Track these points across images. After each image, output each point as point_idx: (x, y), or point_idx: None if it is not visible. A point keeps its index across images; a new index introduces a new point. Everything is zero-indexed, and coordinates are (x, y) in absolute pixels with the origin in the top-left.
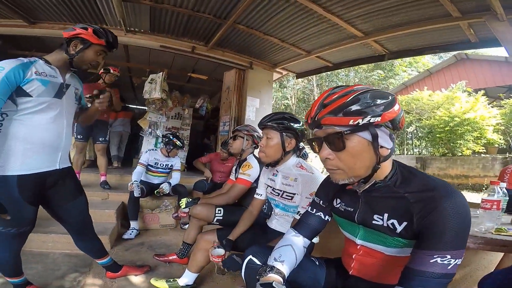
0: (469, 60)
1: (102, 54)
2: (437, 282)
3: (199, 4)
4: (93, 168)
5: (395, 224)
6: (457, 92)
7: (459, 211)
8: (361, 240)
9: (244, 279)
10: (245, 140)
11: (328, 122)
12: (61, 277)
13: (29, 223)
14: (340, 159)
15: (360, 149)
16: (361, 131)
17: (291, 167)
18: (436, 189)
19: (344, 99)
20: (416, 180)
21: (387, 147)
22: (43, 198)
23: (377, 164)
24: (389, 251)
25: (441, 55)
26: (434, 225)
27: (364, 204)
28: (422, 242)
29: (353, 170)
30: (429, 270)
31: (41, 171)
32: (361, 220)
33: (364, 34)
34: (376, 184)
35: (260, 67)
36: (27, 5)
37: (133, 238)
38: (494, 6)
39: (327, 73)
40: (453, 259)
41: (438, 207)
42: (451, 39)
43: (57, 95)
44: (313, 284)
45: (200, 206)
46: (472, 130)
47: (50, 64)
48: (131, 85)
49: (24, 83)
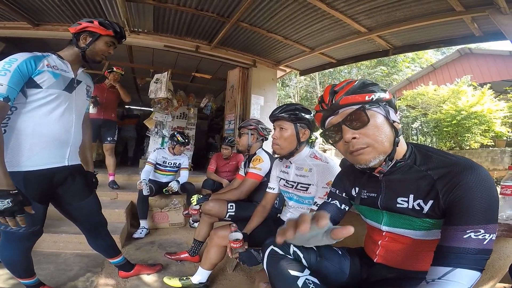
0: (473, 54)
1: (112, 45)
2: (475, 259)
3: (203, 2)
4: (101, 168)
5: (421, 204)
6: (462, 86)
7: (483, 183)
8: (387, 226)
9: (266, 270)
10: (250, 135)
11: (346, 101)
12: (73, 278)
13: (39, 222)
14: (365, 135)
15: (380, 122)
16: (375, 107)
17: (305, 157)
18: (458, 164)
19: (351, 84)
20: (435, 157)
21: (398, 122)
22: (53, 196)
23: (396, 137)
24: (417, 234)
25: (444, 50)
26: (461, 199)
27: (386, 188)
28: (451, 218)
29: (381, 143)
30: (464, 246)
31: (48, 167)
32: (385, 205)
33: (368, 29)
34: (398, 163)
35: (263, 65)
36: (32, 7)
37: (143, 237)
38: (497, 0)
39: (330, 71)
40: (488, 234)
41: (462, 181)
42: (455, 34)
43: (67, 89)
44: (338, 274)
45: (212, 202)
46: (479, 123)
47: (63, 58)
48: (135, 86)
49: (36, 74)
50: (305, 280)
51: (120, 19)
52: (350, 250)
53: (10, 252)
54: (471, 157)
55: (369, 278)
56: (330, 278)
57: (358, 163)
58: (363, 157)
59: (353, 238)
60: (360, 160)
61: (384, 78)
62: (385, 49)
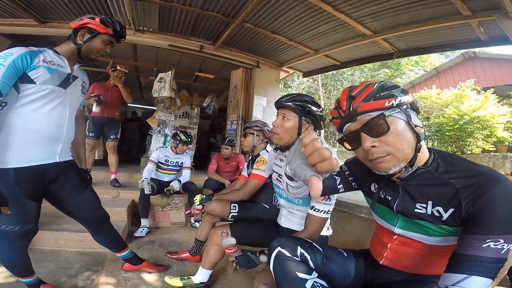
0: (477, 58)
1: (109, 44)
2: (491, 267)
3: (208, 2)
4: (102, 166)
5: (440, 211)
6: (465, 90)
7: (509, 195)
8: (400, 229)
9: (272, 271)
10: (256, 136)
11: (364, 108)
12: (74, 276)
13: (33, 219)
14: (386, 143)
15: (402, 128)
16: (396, 112)
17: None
18: (484, 174)
19: (369, 88)
20: (459, 165)
21: (420, 126)
22: (47, 193)
23: (418, 143)
24: (431, 240)
25: (448, 54)
26: (485, 209)
27: (404, 193)
28: (472, 227)
29: (402, 151)
30: (482, 255)
31: (39, 164)
32: (401, 209)
33: (373, 32)
34: (418, 170)
35: (267, 66)
36: (39, 4)
37: (144, 236)
38: (504, 5)
39: (332, 73)
40: (506, 244)
41: (488, 192)
42: (460, 38)
43: (62, 84)
44: (343, 276)
45: (215, 202)
46: (482, 128)
47: (59, 54)
48: (138, 85)
49: (30, 70)
50: (313, 283)
51: (126, 17)
52: (355, 252)
53: (6, 251)
54: None
55: (373, 280)
56: (336, 280)
57: (378, 170)
58: (383, 165)
59: (355, 241)
60: (380, 168)
61: (386, 81)
62: (390, 52)
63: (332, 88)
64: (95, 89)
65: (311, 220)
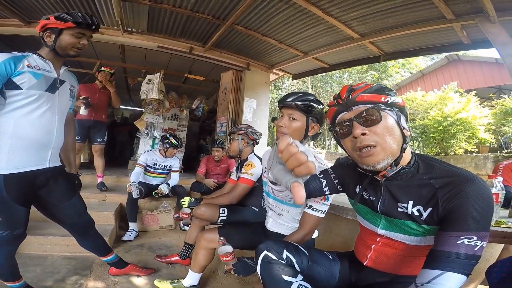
0: (460, 61)
1: (81, 36)
2: (465, 263)
3: (199, 4)
4: (89, 170)
5: (420, 210)
6: (449, 92)
7: (482, 194)
8: (384, 230)
9: (259, 274)
10: (240, 140)
11: (363, 99)
12: (61, 280)
13: (22, 225)
14: (375, 133)
15: (391, 124)
16: (389, 109)
17: None
18: (459, 175)
19: (369, 85)
20: (437, 167)
21: (407, 129)
22: (36, 199)
23: (404, 144)
24: (412, 240)
25: (433, 56)
26: (460, 207)
27: (386, 193)
28: (448, 225)
29: (389, 145)
30: (456, 251)
31: (29, 170)
32: (384, 209)
33: (360, 35)
34: (402, 170)
35: (257, 68)
36: (25, 4)
37: (132, 239)
38: (487, 8)
39: (322, 75)
40: (479, 241)
41: (462, 191)
42: (444, 41)
43: (50, 89)
44: (328, 278)
45: (204, 206)
46: (464, 130)
47: (44, 58)
48: (126, 86)
49: (15, 75)
50: (298, 286)
51: (114, 18)
52: (340, 254)
53: None
54: (456, 162)
55: (358, 281)
56: (321, 282)
57: (366, 164)
58: (372, 158)
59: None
60: (369, 161)
61: (374, 83)
62: (377, 55)
63: (322, 90)
64: (81, 91)
65: (307, 220)
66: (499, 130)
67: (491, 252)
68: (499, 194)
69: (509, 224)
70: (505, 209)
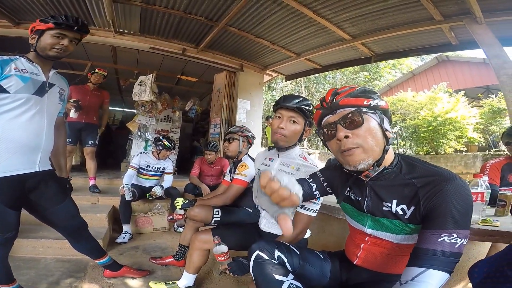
0: (450, 61)
1: (61, 36)
2: (446, 261)
3: (191, 6)
4: (80, 172)
5: (404, 209)
6: (439, 93)
7: (461, 193)
8: (371, 229)
9: (252, 274)
10: (241, 141)
11: (346, 102)
12: (55, 283)
13: (13, 228)
14: (357, 135)
15: (374, 127)
16: (371, 112)
17: (295, 156)
18: (440, 174)
19: (353, 89)
20: (419, 166)
21: (390, 131)
22: (27, 202)
23: (386, 145)
24: (398, 238)
25: (423, 57)
26: (439, 205)
27: (371, 193)
28: (429, 223)
29: (371, 147)
30: (437, 248)
31: (18, 173)
32: (370, 209)
33: (352, 37)
34: (385, 170)
35: (250, 69)
36: (13, 5)
37: (126, 242)
38: (473, 10)
39: (315, 76)
40: (460, 238)
41: (442, 189)
42: (433, 42)
43: (38, 92)
44: (319, 277)
45: (198, 208)
46: (453, 129)
47: (32, 61)
48: (118, 87)
49: (2, 79)
50: (289, 285)
51: (105, 19)
52: (331, 253)
53: None
54: (446, 161)
55: (348, 280)
56: (312, 281)
57: (348, 163)
58: (352, 158)
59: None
60: (350, 161)
61: (366, 83)
62: (368, 56)
63: (315, 91)
64: (73, 92)
65: (300, 219)
66: (488, 129)
67: (479, 250)
68: (484, 193)
69: (495, 222)
70: (491, 208)
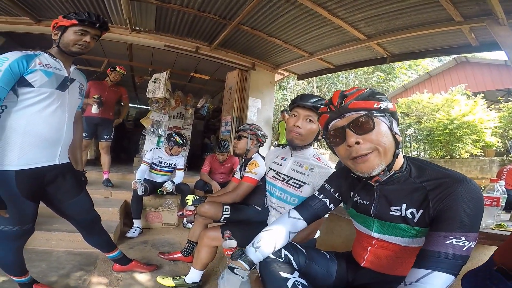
0: (468, 63)
1: (84, 33)
2: (453, 263)
3: (205, 4)
4: (95, 166)
5: (413, 213)
6: (456, 95)
7: (472, 195)
8: (377, 233)
9: (258, 272)
10: (249, 139)
11: (356, 105)
12: (66, 275)
13: (31, 220)
14: (370, 140)
15: (384, 131)
16: (381, 115)
17: (309, 156)
18: (451, 176)
19: (361, 91)
20: (429, 170)
21: (399, 134)
22: (44, 195)
23: (396, 149)
24: (406, 241)
25: (441, 58)
26: (449, 208)
27: (380, 197)
28: (437, 225)
29: (384, 149)
30: (444, 250)
31: (39, 166)
32: (377, 213)
33: (367, 37)
34: (395, 174)
35: (262, 68)
36: (36, 3)
37: (136, 236)
38: (496, 11)
39: (327, 75)
40: (468, 241)
41: (453, 192)
42: (452, 43)
43: (60, 87)
44: (325, 277)
45: (208, 204)
46: (470, 133)
47: (55, 57)
48: (133, 84)
49: (28, 73)
50: (294, 282)
51: (122, 17)
52: (338, 254)
53: (2, 251)
54: (461, 166)
55: (354, 281)
56: (318, 280)
57: (360, 171)
58: (366, 165)
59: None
60: (363, 168)
61: (380, 84)
62: (383, 57)
63: (327, 91)
64: (92, 88)
65: None
66: (506, 134)
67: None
68: (500, 197)
69: (509, 227)
70: (506, 213)
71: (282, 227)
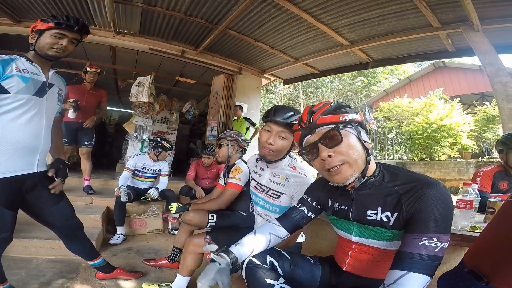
0: (446, 68)
1: (61, 36)
2: (427, 264)
3: (192, 8)
4: (75, 172)
5: (389, 216)
6: (434, 99)
7: (441, 197)
8: (357, 237)
9: (245, 279)
10: (230, 146)
11: (323, 121)
12: (47, 283)
13: (9, 228)
14: (340, 153)
15: (353, 141)
16: (348, 127)
17: (284, 166)
18: (420, 180)
19: (327, 105)
20: (401, 175)
21: (369, 142)
22: (23, 203)
23: (367, 156)
24: (383, 245)
25: (420, 63)
26: (420, 210)
27: (357, 202)
28: (410, 227)
29: (355, 161)
30: (418, 252)
31: (16, 174)
32: (356, 217)
33: (350, 42)
34: (368, 180)
35: (249, 72)
36: (16, 3)
37: (120, 243)
38: (471, 17)
39: (313, 80)
40: (440, 242)
41: (423, 195)
42: (430, 49)
43: (38, 93)
44: (310, 282)
45: (193, 212)
46: (448, 136)
47: (32, 61)
48: (115, 87)
49: (3, 79)
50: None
51: (106, 19)
52: (321, 258)
53: None
54: (440, 168)
55: (338, 285)
56: (303, 285)
57: (335, 181)
58: (340, 176)
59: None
60: (338, 179)
61: (363, 89)
62: (365, 62)
63: (313, 95)
64: (70, 92)
65: None
66: (481, 136)
67: None
68: (474, 200)
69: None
70: (480, 214)
71: (263, 229)
